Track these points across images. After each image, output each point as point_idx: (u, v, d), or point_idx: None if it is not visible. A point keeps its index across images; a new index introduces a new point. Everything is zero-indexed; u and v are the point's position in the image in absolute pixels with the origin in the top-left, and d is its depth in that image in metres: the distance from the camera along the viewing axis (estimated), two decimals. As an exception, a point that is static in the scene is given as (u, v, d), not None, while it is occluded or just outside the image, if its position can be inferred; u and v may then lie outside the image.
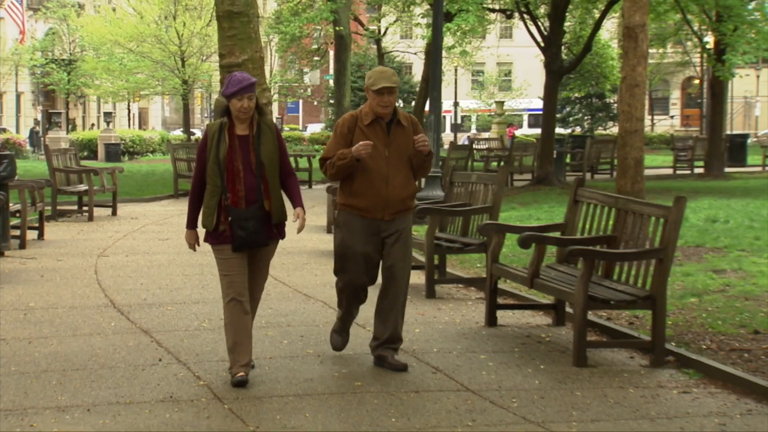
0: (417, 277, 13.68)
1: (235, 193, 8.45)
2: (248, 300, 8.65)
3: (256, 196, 8.47)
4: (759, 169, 41.77)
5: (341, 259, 9.17)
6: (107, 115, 58.75)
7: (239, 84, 8.37)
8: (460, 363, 9.62)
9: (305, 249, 17.40)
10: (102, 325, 11.19)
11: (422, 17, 43.96)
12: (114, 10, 63.72)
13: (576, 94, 65.82)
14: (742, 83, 67.34)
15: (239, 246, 8.49)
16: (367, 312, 11.61)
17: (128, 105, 77.05)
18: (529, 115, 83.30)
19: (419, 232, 14.42)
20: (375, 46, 55.61)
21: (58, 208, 22.17)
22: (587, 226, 11.12)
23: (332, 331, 9.66)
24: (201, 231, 8.87)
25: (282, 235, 8.80)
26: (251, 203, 8.46)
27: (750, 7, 34.80)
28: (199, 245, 8.90)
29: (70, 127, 64.20)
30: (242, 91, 8.37)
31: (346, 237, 9.10)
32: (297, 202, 8.68)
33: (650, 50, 33.25)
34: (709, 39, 38.09)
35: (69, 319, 11.44)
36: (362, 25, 53.09)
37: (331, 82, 58.51)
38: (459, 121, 78.44)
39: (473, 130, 79.63)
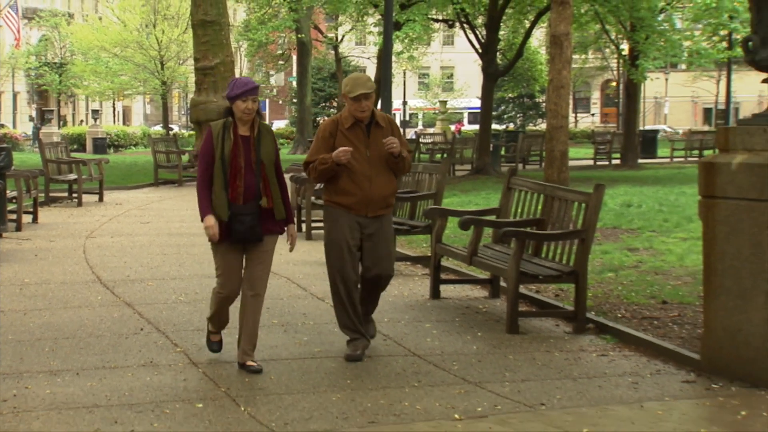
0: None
1: (234, 189, 7.88)
2: (235, 297, 8.20)
3: (253, 193, 7.89)
4: (668, 160, 42.08)
5: (331, 251, 8.52)
6: (95, 112, 58.26)
7: (245, 86, 7.87)
8: (408, 331, 9.61)
9: (271, 231, 17.31)
10: (90, 298, 11.10)
11: (374, 26, 43.91)
12: (100, 19, 63.45)
13: (510, 95, 66.18)
14: (653, 85, 67.73)
15: (237, 239, 7.92)
16: (325, 287, 11.61)
17: (113, 103, 76.58)
18: (469, 113, 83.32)
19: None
20: (333, 52, 55.49)
21: (51, 194, 21.92)
22: (519, 211, 11.14)
23: (347, 342, 8.63)
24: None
25: (281, 231, 8.17)
26: (248, 200, 7.88)
27: (659, 18, 35.01)
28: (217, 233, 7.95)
29: (61, 123, 63.53)
30: (247, 93, 7.84)
31: (333, 230, 8.50)
32: (289, 217, 8.18)
33: (574, 56, 33.44)
34: (625, 46, 38.27)
35: (60, 294, 11.34)
36: (321, 33, 53.03)
37: (294, 83, 58.30)
38: (407, 118, 78.29)
39: (420, 126, 79.69)
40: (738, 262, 7.76)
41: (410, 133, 61.93)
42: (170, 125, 63.04)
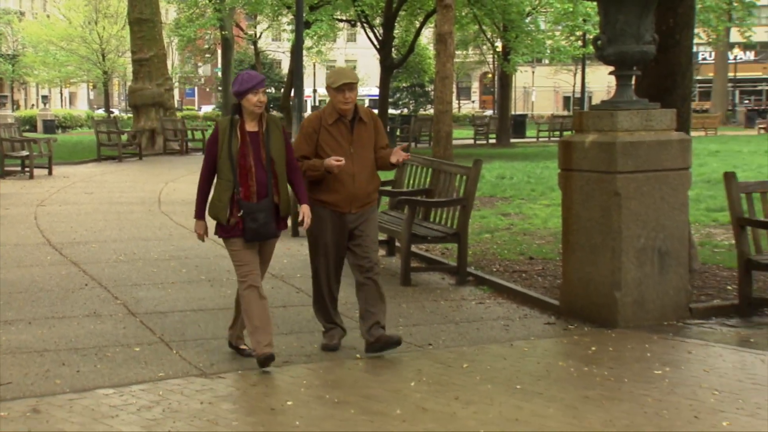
0: (284, 221, 13.60)
1: (247, 187, 6.53)
2: (260, 287, 6.69)
3: (266, 190, 6.55)
4: (534, 140, 42.60)
5: (317, 250, 7.13)
6: (44, 97, 56.70)
7: (254, 79, 6.57)
8: (316, 284, 9.57)
9: (199, 200, 17.13)
10: (40, 258, 10.85)
11: (288, 24, 43.44)
12: (48, 16, 62.06)
13: (403, 84, 66.14)
14: (522, 77, 68.38)
15: (251, 238, 6.56)
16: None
17: (61, 90, 74.82)
18: (369, 100, 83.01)
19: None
20: (253, 47, 54.77)
21: (6, 169, 21.37)
22: (411, 182, 11.19)
23: (324, 333, 7.30)
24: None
25: (285, 227, 6.92)
26: (262, 197, 6.54)
27: (527, 21, 35.38)
28: (207, 236, 6.84)
29: (14, 107, 61.77)
30: (258, 85, 6.53)
31: (318, 229, 7.00)
32: (303, 200, 6.78)
33: (456, 52, 33.60)
34: (499, 44, 38.58)
35: (14, 254, 11.06)
36: (242, 30, 52.40)
37: (220, 74, 57.46)
38: (317, 103, 77.73)
39: (327, 111, 79.23)
40: (590, 224, 7.90)
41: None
42: (111, 109, 61.94)
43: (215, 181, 6.66)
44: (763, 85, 76.51)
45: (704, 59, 68.95)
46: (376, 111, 40.31)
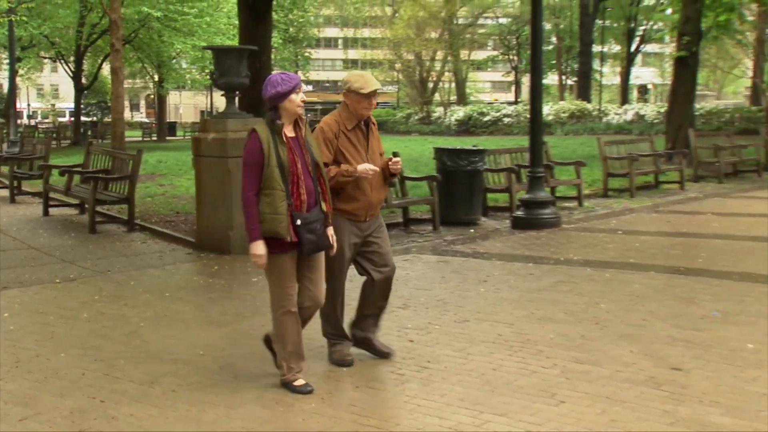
0: (4, 192, 11.71)
1: (297, 197, 3.64)
2: (296, 307, 3.74)
3: (314, 199, 3.69)
4: (182, 138, 40.59)
5: (334, 261, 4.04)
6: None
7: (294, 79, 3.67)
8: (29, 235, 8.36)
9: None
10: None
11: (6, 59, 37.08)
12: None
13: (92, 101, 59.80)
14: (173, 97, 64.80)
15: (311, 250, 3.66)
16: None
17: None
18: (69, 111, 73.94)
19: (4, 169, 12.19)
20: None
21: None
22: (97, 164, 10.11)
23: (331, 346, 4.23)
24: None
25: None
26: (311, 207, 3.67)
27: (173, 61, 33.72)
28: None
29: None
30: (299, 85, 3.68)
31: (338, 240, 3.99)
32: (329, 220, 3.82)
33: (127, 80, 31.00)
34: (156, 76, 36.17)
35: None
36: None
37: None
38: (31, 113, 67.61)
39: (39, 118, 69.27)
40: (212, 190, 7.68)
41: (32, 122, 53.52)
42: None
43: (261, 195, 3.64)
44: (318, 106, 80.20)
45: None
46: (74, 118, 35.29)
